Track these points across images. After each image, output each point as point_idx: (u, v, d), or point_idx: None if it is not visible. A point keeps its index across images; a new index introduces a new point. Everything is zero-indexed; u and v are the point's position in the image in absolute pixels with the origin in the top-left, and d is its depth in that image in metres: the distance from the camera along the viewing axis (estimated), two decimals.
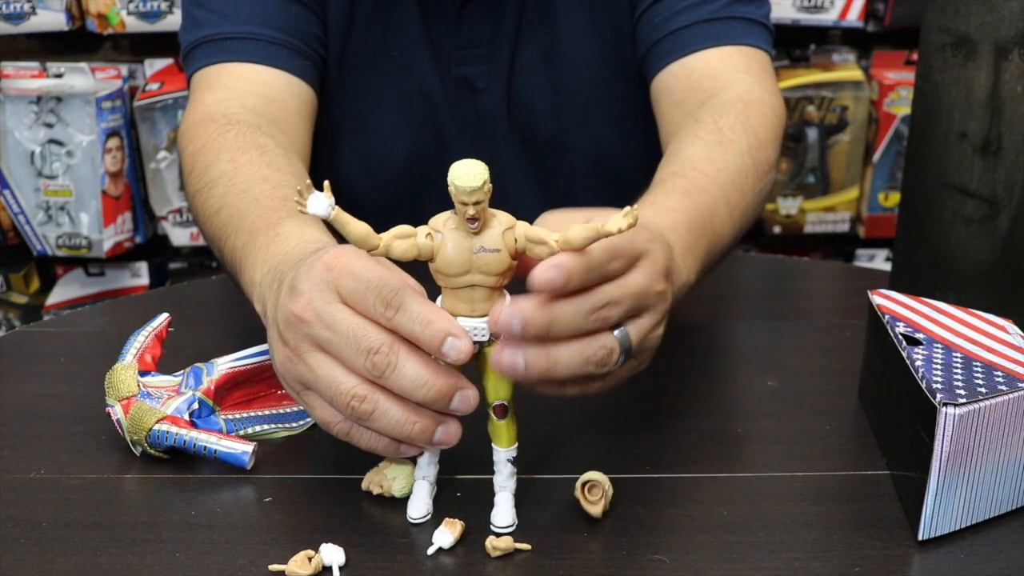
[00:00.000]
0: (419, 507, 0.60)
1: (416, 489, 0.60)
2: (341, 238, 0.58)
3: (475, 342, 0.56)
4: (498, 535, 0.58)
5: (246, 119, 0.87)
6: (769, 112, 0.89)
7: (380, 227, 0.55)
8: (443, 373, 0.56)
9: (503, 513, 0.60)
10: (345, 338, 0.56)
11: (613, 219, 0.54)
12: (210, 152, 0.83)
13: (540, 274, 0.54)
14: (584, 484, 0.60)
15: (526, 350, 0.55)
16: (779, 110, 0.91)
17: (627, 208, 0.55)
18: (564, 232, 0.55)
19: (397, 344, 0.55)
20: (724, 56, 0.93)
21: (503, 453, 0.59)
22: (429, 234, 0.55)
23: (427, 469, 0.60)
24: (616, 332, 0.58)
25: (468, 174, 0.53)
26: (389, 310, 0.55)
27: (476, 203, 0.53)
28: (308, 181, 0.53)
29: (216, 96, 0.90)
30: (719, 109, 0.86)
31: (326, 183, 0.54)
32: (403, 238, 0.55)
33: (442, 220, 0.55)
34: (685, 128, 0.86)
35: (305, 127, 0.94)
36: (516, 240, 0.55)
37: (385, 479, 0.62)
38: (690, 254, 0.69)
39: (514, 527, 0.59)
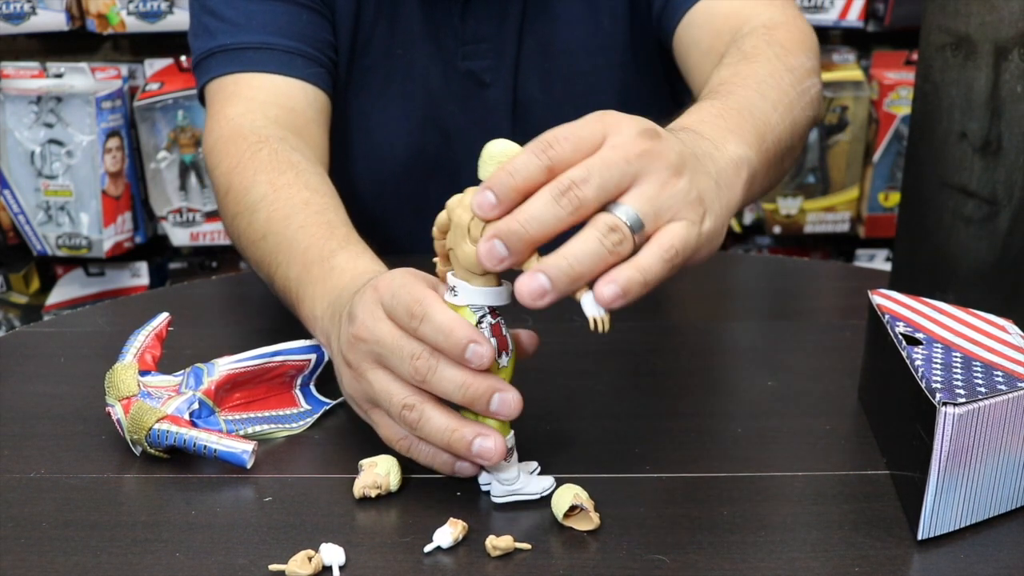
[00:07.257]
0: (540, 481, 0.62)
1: (522, 478, 0.61)
2: (391, 267, 0.62)
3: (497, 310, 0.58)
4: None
5: (273, 133, 0.88)
6: (794, 28, 0.87)
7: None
8: (482, 376, 0.57)
9: (540, 479, 0.62)
10: (391, 349, 0.58)
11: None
12: (246, 173, 0.84)
13: (495, 181, 0.53)
14: (565, 515, 0.59)
15: (541, 262, 0.53)
16: (805, 28, 0.88)
17: None
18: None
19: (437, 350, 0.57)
20: None
21: (512, 437, 0.61)
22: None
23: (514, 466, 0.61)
24: (611, 208, 0.54)
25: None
26: (414, 321, 0.57)
27: None
28: None
29: (238, 108, 0.92)
30: (741, 39, 0.85)
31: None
32: None
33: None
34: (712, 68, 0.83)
35: (323, 133, 0.96)
36: None
37: (379, 478, 0.62)
38: (731, 133, 0.65)
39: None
